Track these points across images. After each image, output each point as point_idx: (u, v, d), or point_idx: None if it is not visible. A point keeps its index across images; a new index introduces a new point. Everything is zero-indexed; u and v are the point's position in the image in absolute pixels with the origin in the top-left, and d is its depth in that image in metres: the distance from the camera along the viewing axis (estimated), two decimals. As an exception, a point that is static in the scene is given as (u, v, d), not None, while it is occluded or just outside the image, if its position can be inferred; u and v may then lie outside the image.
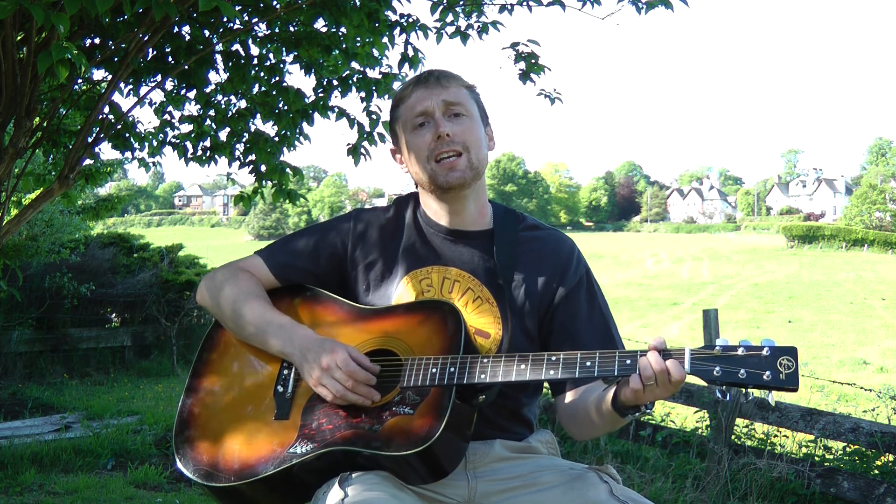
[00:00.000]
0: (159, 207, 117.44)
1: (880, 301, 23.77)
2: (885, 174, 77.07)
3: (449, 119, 1.71)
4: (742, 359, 1.37)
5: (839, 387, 7.67)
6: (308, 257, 1.79)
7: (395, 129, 1.80)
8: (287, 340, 1.64)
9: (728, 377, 1.37)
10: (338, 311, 1.73)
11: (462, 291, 1.72)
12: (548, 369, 1.48)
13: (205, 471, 1.58)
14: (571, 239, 1.84)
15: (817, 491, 4.01)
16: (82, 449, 5.10)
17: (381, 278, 1.76)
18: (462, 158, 1.69)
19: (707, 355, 1.39)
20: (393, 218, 1.82)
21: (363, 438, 1.49)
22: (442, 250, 1.76)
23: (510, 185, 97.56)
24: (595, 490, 1.55)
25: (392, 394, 1.55)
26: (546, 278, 1.73)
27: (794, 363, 1.35)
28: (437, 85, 1.73)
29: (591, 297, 1.75)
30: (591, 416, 1.60)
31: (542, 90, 4.23)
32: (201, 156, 4.40)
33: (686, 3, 3.56)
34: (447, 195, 1.73)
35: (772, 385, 1.35)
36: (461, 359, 1.52)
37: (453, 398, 1.49)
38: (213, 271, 1.86)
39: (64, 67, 2.38)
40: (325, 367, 1.55)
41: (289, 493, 1.58)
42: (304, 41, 3.85)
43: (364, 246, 1.79)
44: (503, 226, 1.78)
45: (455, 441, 1.53)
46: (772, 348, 1.37)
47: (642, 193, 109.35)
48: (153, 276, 10.24)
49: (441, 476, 1.54)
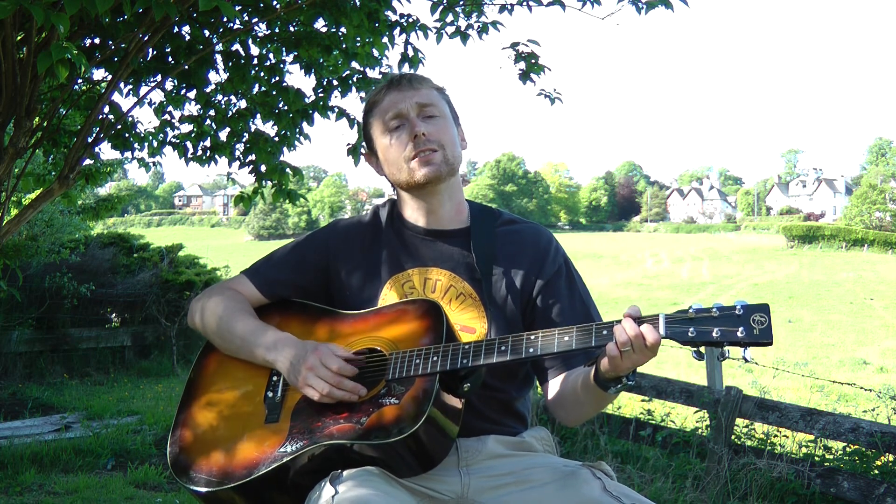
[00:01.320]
0: (159, 207, 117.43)
1: (870, 301, 23.75)
2: (885, 174, 77.05)
3: (423, 120, 1.74)
4: (716, 318, 1.39)
5: (839, 387, 7.67)
6: (292, 271, 1.83)
7: (370, 133, 1.82)
8: (270, 348, 1.66)
9: (702, 336, 1.39)
10: (323, 318, 1.76)
11: (444, 290, 1.75)
12: (527, 348, 1.50)
13: (200, 479, 1.59)
14: (549, 231, 1.87)
15: (817, 491, 4.01)
16: (82, 449, 5.09)
17: (364, 286, 1.78)
18: (438, 154, 1.72)
19: (681, 318, 1.42)
20: (370, 225, 1.85)
21: (351, 432, 1.51)
22: (421, 251, 1.78)
23: (510, 185, 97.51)
24: (588, 486, 1.55)
25: (378, 387, 1.57)
26: (525, 270, 1.75)
27: (766, 318, 1.37)
28: (409, 87, 1.77)
29: (570, 285, 1.78)
30: (577, 395, 1.63)
31: (542, 90, 4.24)
32: (201, 156, 4.40)
33: (686, 3, 3.57)
34: (423, 192, 1.76)
35: (746, 341, 1.36)
36: (443, 347, 1.55)
37: (437, 384, 1.51)
38: (201, 293, 1.89)
39: (64, 67, 2.38)
40: (309, 367, 1.57)
41: (282, 495, 1.59)
42: (304, 41, 3.85)
43: (344, 255, 1.82)
44: (480, 222, 1.81)
45: (441, 429, 1.54)
46: (745, 307, 1.39)
47: (642, 193, 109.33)
48: (153, 276, 10.24)
49: (430, 466, 1.56)
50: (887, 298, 24.47)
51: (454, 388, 1.56)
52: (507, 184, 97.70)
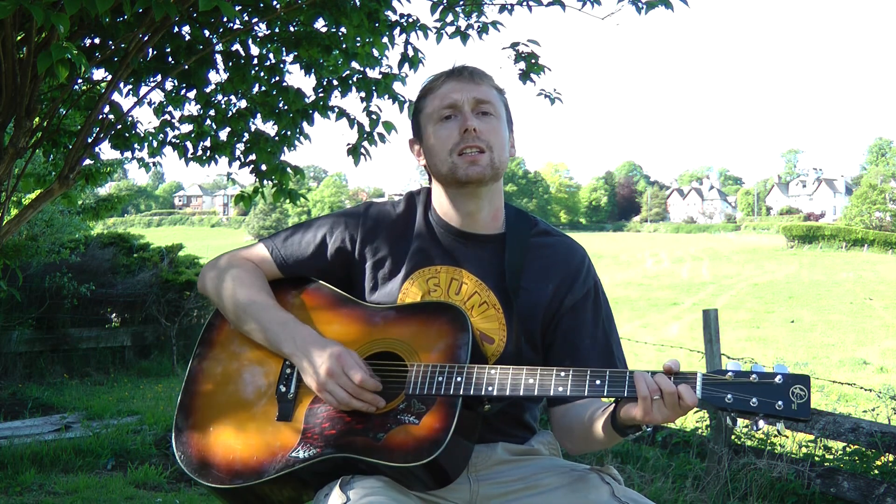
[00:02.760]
0: (159, 207, 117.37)
1: (869, 301, 23.74)
2: (885, 174, 77.04)
3: (477, 116, 1.66)
4: (754, 386, 1.35)
5: (839, 387, 7.67)
6: (314, 250, 1.74)
7: (419, 118, 1.74)
8: (289, 340, 1.60)
9: (740, 405, 1.35)
10: (342, 308, 1.69)
11: (469, 295, 1.68)
12: (556, 386, 1.44)
13: (205, 470, 1.58)
14: (583, 248, 1.79)
15: (817, 491, 4.01)
16: (82, 449, 5.09)
17: (388, 276, 1.72)
18: (485, 156, 1.64)
19: (719, 381, 1.37)
20: (404, 214, 1.77)
21: (367, 447, 1.47)
22: (452, 251, 1.71)
23: (510, 185, 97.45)
24: (597, 492, 1.54)
25: (397, 401, 1.52)
26: (554, 287, 1.69)
27: (806, 393, 1.32)
28: (470, 80, 1.69)
29: (596, 311, 1.72)
30: (589, 432, 1.57)
31: (542, 90, 4.24)
32: (201, 156, 4.40)
33: (686, 3, 3.57)
34: (463, 191, 1.68)
35: (783, 415, 1.32)
36: (468, 368, 1.49)
37: (459, 409, 1.46)
38: (215, 259, 1.81)
39: (64, 67, 2.38)
40: (330, 374, 1.52)
41: (289, 492, 1.58)
42: (304, 41, 3.85)
43: (373, 242, 1.73)
44: (515, 230, 1.73)
45: (460, 451, 1.52)
46: (784, 376, 1.34)
47: (642, 193, 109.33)
48: (153, 276, 10.22)
49: (445, 483, 1.53)
50: (887, 298, 24.45)
51: (475, 408, 1.52)
52: (507, 184, 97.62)
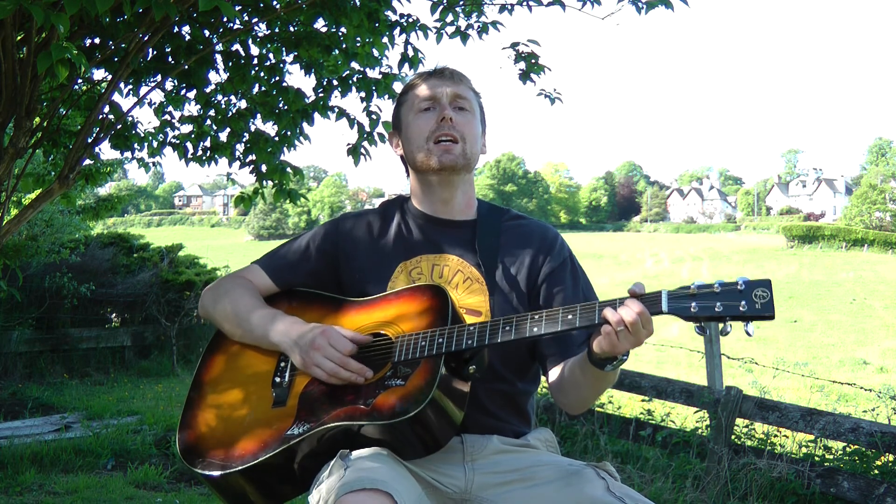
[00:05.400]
0: (159, 207, 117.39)
1: (865, 300, 23.73)
2: (885, 174, 77.06)
3: (454, 109, 1.80)
4: (718, 294, 1.41)
5: (839, 387, 7.67)
6: (302, 260, 1.87)
7: (400, 111, 1.88)
8: (278, 331, 1.70)
9: (705, 311, 1.40)
10: (330, 306, 1.79)
11: (452, 273, 1.78)
12: (531, 327, 1.52)
13: (208, 463, 1.61)
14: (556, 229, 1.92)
15: (817, 491, 4.01)
16: (82, 449, 5.09)
17: (373, 273, 1.81)
18: (458, 146, 1.78)
19: (683, 294, 1.43)
20: (381, 216, 1.89)
21: (358, 413, 1.54)
22: (429, 237, 1.82)
23: (510, 185, 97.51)
24: (592, 486, 1.56)
25: (384, 370, 1.60)
26: (532, 257, 1.80)
27: (768, 293, 1.38)
28: (451, 79, 1.84)
29: (574, 276, 1.81)
30: (575, 377, 1.64)
31: (542, 90, 4.23)
32: (201, 156, 4.40)
33: (686, 3, 3.56)
34: (437, 179, 1.80)
35: (748, 314, 1.38)
36: (448, 329, 1.57)
37: (442, 365, 1.54)
38: (213, 283, 1.94)
39: (64, 67, 2.38)
40: (316, 347, 1.61)
41: (290, 478, 1.60)
42: (304, 41, 3.85)
43: (354, 243, 1.85)
44: (487, 216, 1.86)
45: (446, 412, 1.55)
46: (746, 282, 1.40)
47: (642, 193, 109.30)
48: (153, 276, 10.22)
49: (434, 449, 1.57)
50: (887, 298, 24.45)
51: (460, 371, 1.58)
52: (507, 184, 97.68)
